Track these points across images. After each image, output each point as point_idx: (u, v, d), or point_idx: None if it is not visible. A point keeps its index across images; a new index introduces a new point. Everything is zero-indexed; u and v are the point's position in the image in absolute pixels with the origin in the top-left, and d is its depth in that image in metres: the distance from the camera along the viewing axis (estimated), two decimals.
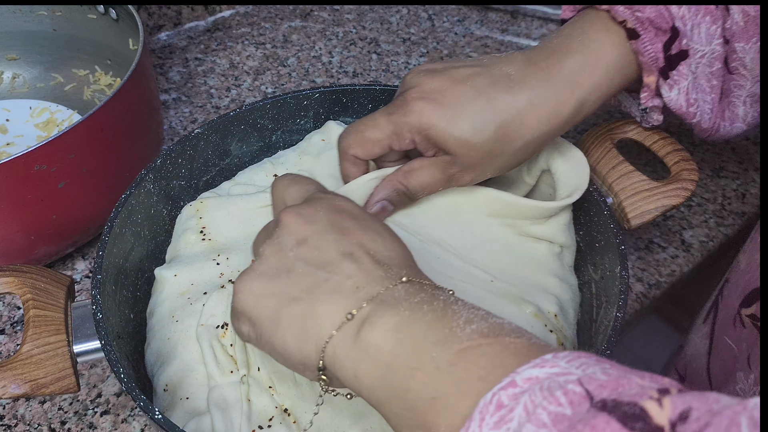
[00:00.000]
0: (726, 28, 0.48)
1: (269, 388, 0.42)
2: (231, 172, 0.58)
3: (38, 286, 0.42)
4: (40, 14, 0.75)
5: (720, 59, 0.48)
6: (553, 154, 0.50)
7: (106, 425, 0.52)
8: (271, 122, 0.59)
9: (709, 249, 0.67)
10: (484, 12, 0.98)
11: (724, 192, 0.72)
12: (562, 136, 0.49)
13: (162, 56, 0.89)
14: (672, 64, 0.47)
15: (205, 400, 0.42)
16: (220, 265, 0.49)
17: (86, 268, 0.64)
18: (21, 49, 0.78)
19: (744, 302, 0.54)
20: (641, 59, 0.46)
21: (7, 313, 0.60)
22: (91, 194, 0.57)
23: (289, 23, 0.96)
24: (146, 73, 0.61)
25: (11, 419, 0.53)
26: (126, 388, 0.38)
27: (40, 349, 0.41)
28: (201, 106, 0.82)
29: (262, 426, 0.41)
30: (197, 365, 0.44)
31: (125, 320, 0.47)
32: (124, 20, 0.69)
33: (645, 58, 0.46)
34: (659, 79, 0.47)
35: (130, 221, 0.49)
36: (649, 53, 0.45)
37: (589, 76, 0.45)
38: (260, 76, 0.86)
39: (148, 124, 0.63)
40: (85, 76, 0.77)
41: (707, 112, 0.50)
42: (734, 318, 0.55)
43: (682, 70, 0.47)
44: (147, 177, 0.50)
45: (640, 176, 0.52)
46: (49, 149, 0.51)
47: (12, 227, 0.54)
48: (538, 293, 0.46)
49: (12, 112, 0.74)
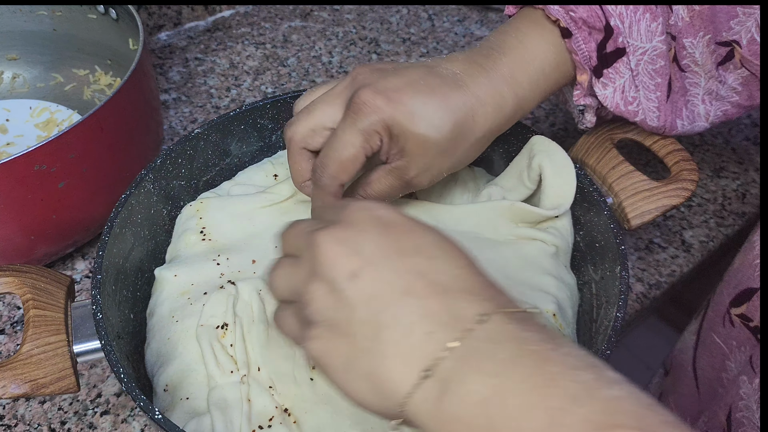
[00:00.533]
0: (670, 25, 0.48)
1: (269, 388, 0.42)
2: (231, 172, 0.58)
3: (38, 286, 0.42)
4: (40, 14, 0.75)
5: (663, 56, 0.48)
6: (545, 163, 0.50)
7: (106, 425, 0.52)
8: (271, 122, 0.59)
9: (709, 249, 0.67)
10: (484, 12, 0.98)
11: (724, 192, 0.72)
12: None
13: (162, 56, 0.89)
14: (607, 61, 0.47)
15: (205, 401, 0.42)
16: (220, 266, 0.49)
17: (86, 268, 0.64)
18: (21, 49, 0.78)
19: (734, 301, 0.54)
20: (574, 58, 0.46)
21: (7, 313, 0.60)
22: (91, 194, 0.57)
23: (289, 23, 0.96)
24: (146, 73, 0.61)
25: (11, 419, 0.53)
26: (126, 388, 0.38)
27: (40, 349, 0.41)
28: (201, 106, 0.82)
29: (262, 426, 0.41)
30: (197, 365, 0.44)
31: (125, 320, 0.47)
32: (124, 20, 0.69)
33: (578, 57, 0.46)
34: (592, 77, 0.47)
35: (130, 221, 0.49)
36: (582, 52, 0.46)
37: (525, 73, 0.45)
38: (260, 76, 0.86)
39: (148, 124, 0.63)
40: (85, 76, 0.77)
41: (652, 110, 0.50)
42: (723, 316, 0.55)
43: (618, 68, 0.47)
44: (147, 177, 0.50)
45: (640, 176, 0.52)
46: (49, 149, 0.51)
47: (12, 227, 0.54)
48: (534, 293, 0.46)
49: (12, 112, 0.74)
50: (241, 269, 0.49)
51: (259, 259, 0.50)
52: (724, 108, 0.52)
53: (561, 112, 0.81)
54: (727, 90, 0.51)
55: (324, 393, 0.42)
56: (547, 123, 0.79)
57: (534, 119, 0.80)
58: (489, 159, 0.59)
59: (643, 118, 0.50)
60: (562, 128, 0.79)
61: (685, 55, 0.49)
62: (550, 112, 0.81)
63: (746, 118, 0.81)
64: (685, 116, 0.52)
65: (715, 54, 0.49)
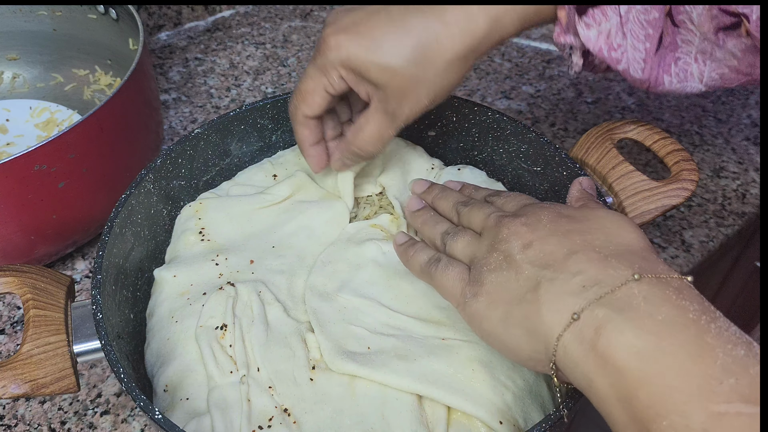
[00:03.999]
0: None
1: (269, 388, 0.42)
2: (231, 172, 0.58)
3: (38, 286, 0.42)
4: (40, 14, 0.76)
5: (659, 9, 0.47)
6: None
7: (106, 425, 0.52)
8: (271, 122, 0.59)
9: (709, 249, 0.67)
10: None
11: (724, 192, 0.72)
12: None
13: (162, 56, 0.89)
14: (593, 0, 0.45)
15: (205, 401, 0.42)
16: (219, 266, 0.49)
17: (86, 268, 0.64)
18: (21, 49, 0.78)
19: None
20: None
21: (7, 313, 0.60)
22: (91, 194, 0.57)
23: (289, 23, 0.96)
24: (146, 73, 0.61)
25: (11, 419, 0.53)
26: (126, 388, 0.38)
27: (40, 349, 0.41)
28: (201, 106, 0.82)
29: (262, 426, 0.41)
30: (197, 366, 0.44)
31: (125, 320, 0.47)
32: (124, 20, 0.69)
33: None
34: (574, 15, 0.46)
35: (130, 221, 0.49)
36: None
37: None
38: (260, 76, 0.86)
39: (148, 124, 0.63)
40: (85, 76, 0.77)
41: (637, 62, 0.48)
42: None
43: (605, 10, 0.46)
44: (147, 177, 0.50)
45: (640, 176, 0.52)
46: (49, 149, 0.51)
47: (12, 227, 0.54)
48: None
49: (12, 112, 0.74)
50: (240, 269, 0.49)
51: (257, 260, 0.50)
52: (720, 71, 0.50)
53: (561, 112, 0.81)
54: (724, 53, 0.48)
55: (324, 393, 0.42)
56: (547, 123, 0.79)
57: (534, 119, 0.80)
58: (489, 159, 0.59)
59: (626, 68, 0.48)
60: (562, 128, 0.79)
61: (682, 11, 0.47)
62: (550, 112, 0.81)
63: (746, 118, 0.81)
64: (674, 73, 0.50)
65: (717, 20, 0.47)
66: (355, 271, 0.49)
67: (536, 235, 0.37)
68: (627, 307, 0.31)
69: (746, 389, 0.27)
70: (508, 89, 0.85)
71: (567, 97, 0.84)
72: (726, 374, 0.27)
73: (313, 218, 0.53)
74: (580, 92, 0.84)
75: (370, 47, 0.43)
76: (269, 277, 0.49)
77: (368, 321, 0.46)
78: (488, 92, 0.84)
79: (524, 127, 0.55)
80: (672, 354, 0.29)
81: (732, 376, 0.27)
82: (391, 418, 0.41)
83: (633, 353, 0.29)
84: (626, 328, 0.30)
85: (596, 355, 0.30)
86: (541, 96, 0.84)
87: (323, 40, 0.44)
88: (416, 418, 0.41)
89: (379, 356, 0.43)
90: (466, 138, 0.59)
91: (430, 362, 0.42)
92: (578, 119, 0.80)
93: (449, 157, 0.61)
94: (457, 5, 0.43)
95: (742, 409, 0.26)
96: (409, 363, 0.42)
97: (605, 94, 0.84)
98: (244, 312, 0.46)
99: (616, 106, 0.82)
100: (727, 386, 0.27)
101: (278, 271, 0.49)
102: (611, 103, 0.82)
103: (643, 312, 0.30)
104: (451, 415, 0.42)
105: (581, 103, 0.83)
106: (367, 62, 0.43)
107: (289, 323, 0.46)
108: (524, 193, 0.48)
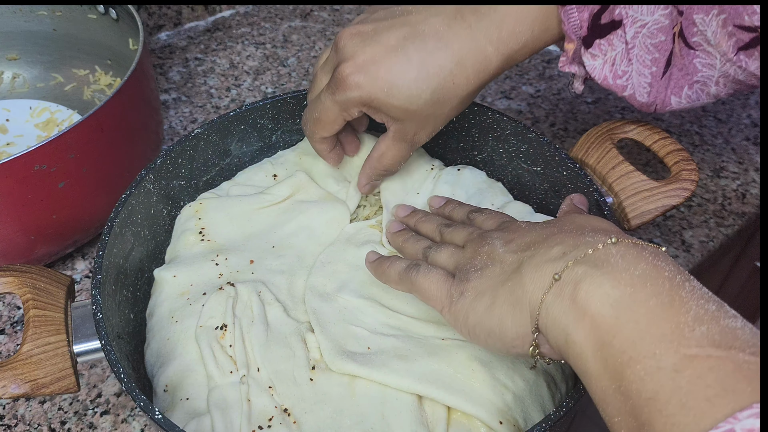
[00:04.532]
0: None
1: (269, 388, 0.42)
2: (231, 172, 0.58)
3: (38, 286, 0.42)
4: (40, 14, 0.75)
5: (665, 31, 0.47)
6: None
7: (106, 425, 0.52)
8: (271, 122, 0.59)
9: (709, 249, 0.67)
10: None
11: (724, 192, 0.72)
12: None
13: (162, 56, 0.89)
14: (601, 32, 0.46)
15: (205, 401, 0.42)
16: (219, 266, 0.49)
17: (86, 268, 0.64)
18: (21, 49, 0.78)
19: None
20: (563, 26, 0.46)
21: (7, 313, 0.60)
22: (91, 194, 0.57)
23: (289, 23, 0.96)
24: (146, 73, 0.61)
25: (11, 419, 0.53)
26: (126, 388, 0.38)
27: (40, 349, 0.41)
28: (201, 106, 0.82)
29: (262, 426, 0.41)
30: (197, 366, 0.44)
31: (125, 320, 0.47)
32: (124, 20, 0.69)
33: (566, 26, 0.46)
34: (581, 47, 0.47)
35: (130, 221, 0.49)
36: (572, 21, 0.45)
37: (513, 33, 0.45)
38: (260, 76, 0.86)
39: (148, 124, 0.63)
40: (85, 76, 0.77)
41: (643, 86, 0.49)
42: None
43: (612, 40, 0.46)
44: (147, 177, 0.50)
45: (640, 176, 0.52)
46: (49, 149, 0.51)
47: (12, 227, 0.54)
48: None
49: (12, 112, 0.74)
50: (240, 269, 0.49)
51: (256, 260, 0.50)
52: (737, 87, 0.50)
53: (561, 112, 0.81)
54: (748, 76, 0.48)
55: (324, 393, 0.42)
56: (547, 123, 0.79)
57: (534, 119, 0.80)
58: (489, 159, 0.59)
59: (631, 93, 0.49)
60: (562, 128, 0.79)
61: (696, 32, 0.47)
62: (550, 112, 0.81)
63: (746, 118, 0.81)
64: (686, 95, 0.50)
65: (735, 38, 0.46)
66: (354, 271, 0.49)
67: (517, 234, 0.39)
68: (605, 263, 0.32)
69: (717, 336, 0.28)
70: (508, 89, 0.85)
71: (567, 97, 0.84)
72: (698, 323, 0.28)
73: (313, 218, 0.53)
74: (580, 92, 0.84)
75: (390, 92, 0.45)
76: (269, 277, 0.49)
77: (368, 321, 0.46)
78: (488, 92, 0.84)
79: (524, 127, 0.55)
80: (646, 303, 0.30)
81: (704, 325, 0.28)
82: (391, 418, 0.41)
83: (609, 303, 0.30)
84: (604, 281, 0.31)
85: (575, 308, 0.32)
86: (541, 96, 0.84)
87: (343, 78, 0.45)
88: (416, 418, 0.41)
89: (379, 356, 0.43)
90: (466, 138, 0.59)
91: (430, 362, 0.42)
92: (578, 119, 0.80)
93: (449, 157, 0.61)
94: (468, 42, 0.45)
95: (712, 353, 0.27)
96: (409, 363, 0.42)
97: (605, 94, 0.84)
98: (244, 312, 0.46)
99: (616, 106, 0.82)
100: (698, 333, 0.28)
101: (278, 271, 0.50)
102: (611, 103, 0.82)
103: (621, 267, 0.32)
104: (451, 415, 0.42)
105: (581, 103, 0.83)
106: (387, 104, 0.45)
107: (289, 323, 0.46)
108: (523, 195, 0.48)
